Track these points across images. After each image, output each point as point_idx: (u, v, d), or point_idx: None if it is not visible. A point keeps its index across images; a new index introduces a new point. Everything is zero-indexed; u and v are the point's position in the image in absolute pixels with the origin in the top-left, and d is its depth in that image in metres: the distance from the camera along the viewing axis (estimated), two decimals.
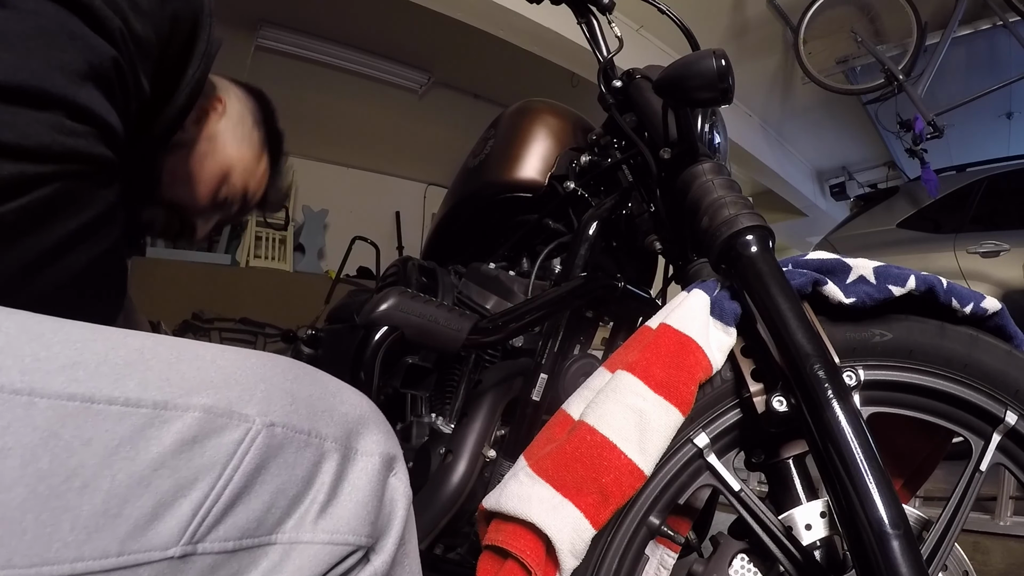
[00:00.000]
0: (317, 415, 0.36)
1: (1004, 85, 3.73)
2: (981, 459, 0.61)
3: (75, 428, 0.27)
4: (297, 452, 0.34)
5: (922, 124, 3.61)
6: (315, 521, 0.34)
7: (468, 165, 1.13)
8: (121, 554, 0.27)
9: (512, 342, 0.97)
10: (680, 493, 0.62)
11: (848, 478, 0.51)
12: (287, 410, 0.35)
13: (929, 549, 0.58)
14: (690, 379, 0.60)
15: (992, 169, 3.49)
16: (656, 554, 0.67)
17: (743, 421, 0.63)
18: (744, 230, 0.63)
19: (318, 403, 0.37)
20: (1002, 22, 3.54)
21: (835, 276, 0.64)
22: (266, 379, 0.35)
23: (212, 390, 0.32)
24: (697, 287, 0.66)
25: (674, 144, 0.78)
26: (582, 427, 0.59)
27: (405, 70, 4.10)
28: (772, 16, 3.81)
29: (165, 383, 0.30)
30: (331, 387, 0.40)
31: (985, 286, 2.97)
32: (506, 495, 0.57)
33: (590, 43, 0.96)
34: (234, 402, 0.32)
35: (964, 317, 0.64)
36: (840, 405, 0.53)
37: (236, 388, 0.33)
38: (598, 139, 0.98)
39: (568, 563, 0.54)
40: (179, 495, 0.29)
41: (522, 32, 3.20)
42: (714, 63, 0.63)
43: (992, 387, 0.62)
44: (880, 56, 3.71)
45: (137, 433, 0.28)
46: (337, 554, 0.34)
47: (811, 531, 0.60)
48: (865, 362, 0.63)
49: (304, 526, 0.33)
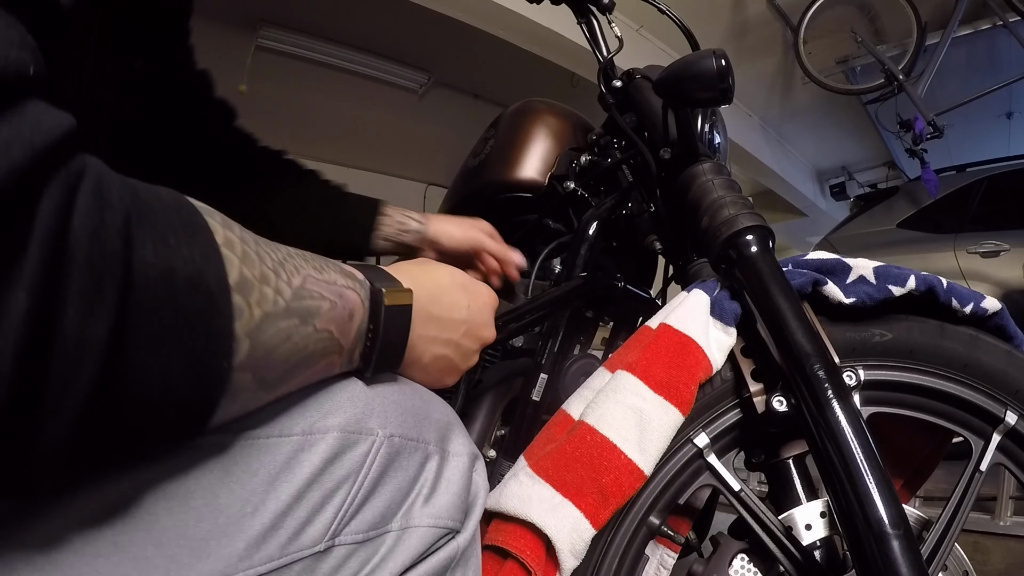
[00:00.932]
0: (420, 423, 0.42)
1: (1004, 85, 3.73)
2: (981, 459, 0.61)
3: (244, 463, 0.31)
4: (409, 456, 0.40)
5: (922, 124, 3.61)
6: (421, 509, 0.40)
7: (468, 165, 1.13)
8: (282, 557, 0.32)
9: (512, 342, 0.97)
10: (680, 493, 0.62)
11: (848, 478, 0.51)
12: (399, 421, 0.40)
13: (929, 549, 0.58)
14: (690, 379, 0.60)
15: (992, 169, 3.49)
16: (656, 554, 0.67)
17: (743, 421, 0.63)
18: (744, 230, 0.63)
19: (419, 412, 0.43)
20: (1002, 22, 3.54)
21: (835, 276, 0.64)
22: (380, 395, 0.40)
23: (341, 411, 0.37)
24: (697, 287, 0.66)
25: (674, 144, 0.78)
26: (582, 427, 0.59)
27: (405, 70, 4.10)
28: (772, 16, 3.81)
29: (305, 411, 0.35)
30: (425, 396, 0.45)
31: (985, 286, 2.97)
32: (506, 495, 0.57)
33: (590, 43, 0.96)
34: (361, 419, 0.38)
35: (964, 317, 0.64)
36: (840, 405, 0.53)
37: (360, 405, 0.38)
38: (598, 139, 0.98)
39: (568, 563, 0.54)
40: (325, 503, 0.34)
41: (522, 32, 3.20)
42: (714, 63, 0.63)
43: (992, 387, 0.62)
44: (880, 56, 3.71)
45: (292, 458, 0.33)
46: (436, 535, 0.41)
47: (811, 531, 0.60)
48: (865, 362, 0.63)
49: (413, 514, 0.39)
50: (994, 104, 4.53)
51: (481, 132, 1.16)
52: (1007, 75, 3.73)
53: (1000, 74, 3.82)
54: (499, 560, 0.55)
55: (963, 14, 3.54)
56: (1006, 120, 5.03)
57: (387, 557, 0.38)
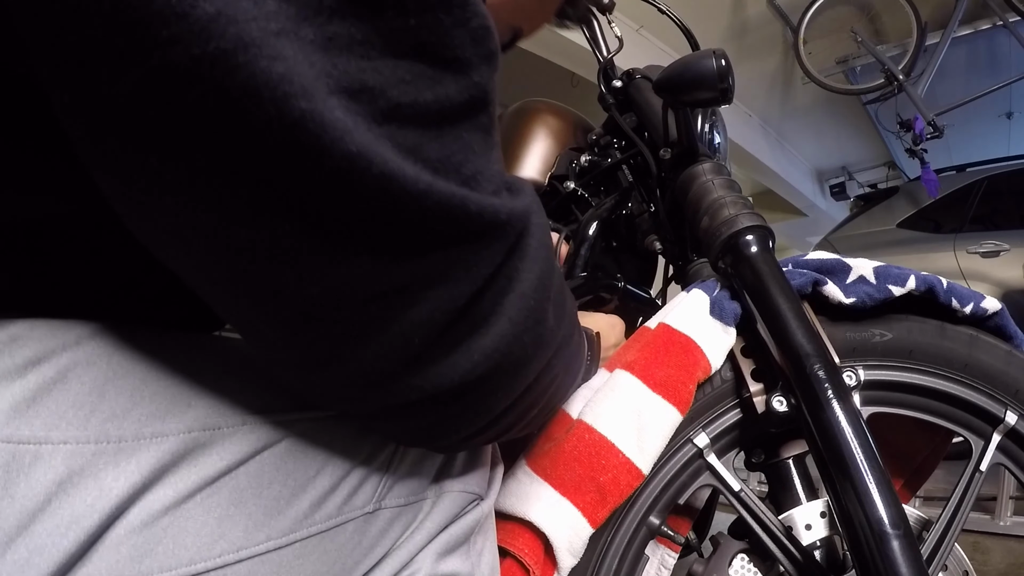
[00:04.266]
0: None
1: (1004, 85, 3.73)
2: (981, 459, 0.61)
3: (306, 435, 0.36)
4: None
5: (922, 124, 3.61)
6: (453, 479, 0.45)
7: None
8: (339, 515, 0.37)
9: None
10: (680, 493, 0.62)
11: (848, 478, 0.51)
12: None
13: (929, 549, 0.58)
14: (689, 379, 0.60)
15: (992, 169, 3.49)
16: (656, 554, 0.67)
17: (743, 421, 0.63)
18: (744, 230, 0.63)
19: None
20: (1002, 22, 3.54)
21: (835, 276, 0.64)
22: None
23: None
24: (697, 287, 0.66)
25: (674, 144, 0.78)
26: (580, 426, 0.59)
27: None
28: (772, 16, 3.82)
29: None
30: None
31: (985, 286, 2.97)
32: (504, 494, 0.57)
33: (590, 43, 0.96)
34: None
35: (964, 317, 0.64)
36: (840, 405, 0.53)
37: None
38: (598, 139, 0.98)
39: (566, 561, 0.55)
40: (372, 470, 0.39)
41: None
42: (714, 63, 0.63)
43: (992, 387, 0.62)
44: (880, 56, 3.71)
45: (345, 431, 0.38)
46: (466, 499, 0.46)
47: (811, 531, 0.60)
48: (865, 362, 0.63)
49: (446, 483, 0.45)
50: (994, 104, 4.54)
51: None
52: (1007, 75, 3.74)
53: (1000, 74, 3.83)
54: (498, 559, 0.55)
55: (963, 14, 3.54)
56: (1006, 120, 5.04)
57: (425, 520, 0.43)
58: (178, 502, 0.30)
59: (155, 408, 0.31)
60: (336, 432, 0.38)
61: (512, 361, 0.34)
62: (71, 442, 0.28)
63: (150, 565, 0.29)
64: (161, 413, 0.31)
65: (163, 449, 0.30)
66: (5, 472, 0.26)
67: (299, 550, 0.35)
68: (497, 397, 0.36)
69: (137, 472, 0.29)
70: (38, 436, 0.27)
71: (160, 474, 0.30)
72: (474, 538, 0.47)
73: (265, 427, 0.35)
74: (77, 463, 0.28)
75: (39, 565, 0.26)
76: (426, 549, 0.43)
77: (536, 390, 0.40)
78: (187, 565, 0.30)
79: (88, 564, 0.27)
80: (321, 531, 0.36)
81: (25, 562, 0.26)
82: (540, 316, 0.34)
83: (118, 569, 0.28)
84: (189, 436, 0.31)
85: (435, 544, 0.43)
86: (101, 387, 0.30)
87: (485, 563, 0.48)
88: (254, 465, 0.33)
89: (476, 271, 0.30)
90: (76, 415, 0.28)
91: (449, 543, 0.44)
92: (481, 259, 0.30)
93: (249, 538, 0.32)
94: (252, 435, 0.34)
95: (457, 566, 0.44)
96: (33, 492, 0.26)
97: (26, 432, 0.27)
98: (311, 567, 0.36)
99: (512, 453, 0.63)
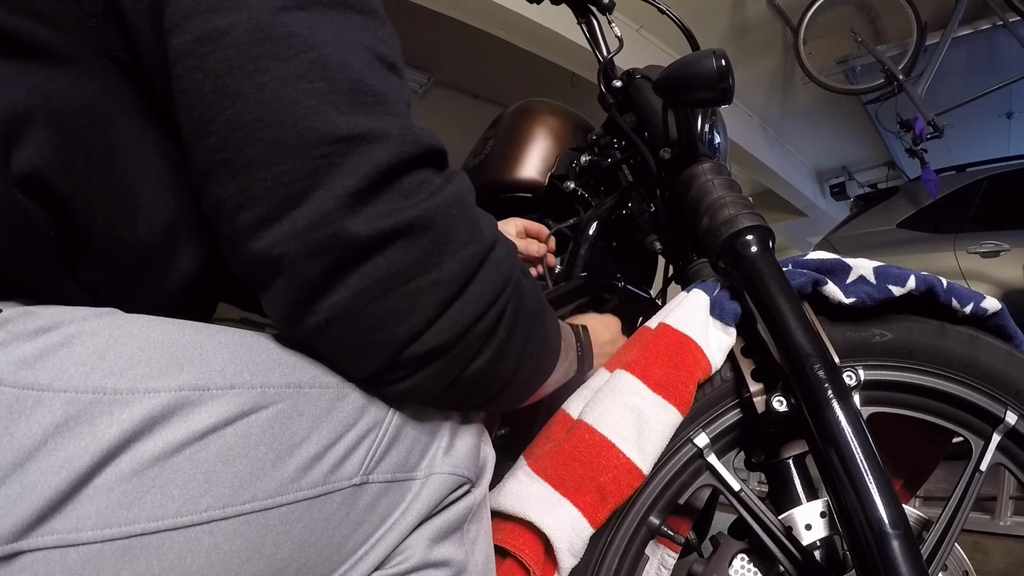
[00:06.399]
0: None
1: (1004, 85, 3.73)
2: (981, 459, 0.61)
3: (293, 404, 0.38)
4: (430, 412, 0.46)
5: (922, 124, 3.61)
6: (442, 459, 0.46)
7: (468, 165, 1.13)
8: (325, 484, 0.38)
9: None
10: (680, 493, 0.62)
11: (848, 478, 0.51)
12: None
13: (929, 549, 0.58)
14: (689, 378, 0.60)
15: (992, 169, 3.48)
16: (656, 554, 0.67)
17: (743, 421, 0.63)
18: (744, 230, 0.63)
19: None
20: (1002, 22, 3.54)
21: (835, 276, 0.64)
22: None
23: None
24: (697, 287, 0.66)
25: (674, 144, 0.78)
26: (581, 426, 0.59)
27: (405, 70, 4.10)
28: (772, 16, 3.82)
29: (335, 368, 0.41)
30: None
31: (985, 286, 2.97)
32: (505, 494, 0.57)
33: (590, 43, 0.96)
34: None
35: (964, 317, 0.64)
36: (840, 405, 0.53)
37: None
38: (598, 139, 0.98)
39: (566, 562, 0.55)
40: (358, 443, 0.41)
41: (522, 32, 3.20)
42: (714, 63, 0.63)
43: (992, 387, 0.62)
44: (880, 56, 3.71)
45: (332, 404, 0.40)
46: (455, 482, 0.46)
47: (811, 531, 0.60)
48: (865, 362, 0.63)
49: (435, 464, 0.45)
50: (994, 104, 4.54)
51: (481, 132, 1.16)
52: (1007, 75, 3.73)
53: (1000, 74, 3.82)
54: (498, 559, 0.55)
55: (963, 14, 3.54)
56: (1006, 120, 5.03)
57: (415, 501, 0.44)
58: (167, 454, 0.32)
59: (150, 370, 0.34)
60: (323, 405, 0.39)
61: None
62: (71, 391, 0.31)
63: (138, 513, 0.31)
64: (155, 374, 0.34)
65: (155, 403, 0.32)
66: (8, 413, 0.29)
67: (286, 515, 0.36)
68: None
69: (129, 421, 0.31)
70: (41, 383, 0.30)
71: (151, 425, 0.32)
72: (467, 526, 0.48)
73: (253, 392, 0.36)
74: (75, 409, 0.31)
75: (31, 499, 0.28)
76: (418, 534, 0.44)
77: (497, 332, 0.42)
78: (174, 516, 0.32)
79: (79, 507, 0.30)
80: (308, 497, 0.37)
81: (18, 496, 0.28)
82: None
83: (107, 514, 0.30)
84: (180, 394, 0.33)
85: (427, 529, 0.44)
86: (103, 351, 0.33)
87: (479, 551, 0.49)
88: (242, 426, 0.35)
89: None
90: (78, 371, 0.32)
91: (442, 529, 0.45)
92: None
93: (235, 496, 0.34)
94: (240, 398, 0.36)
95: (451, 552, 0.45)
96: (32, 432, 0.29)
97: (31, 379, 0.30)
98: (298, 535, 0.37)
99: (512, 453, 0.63)
